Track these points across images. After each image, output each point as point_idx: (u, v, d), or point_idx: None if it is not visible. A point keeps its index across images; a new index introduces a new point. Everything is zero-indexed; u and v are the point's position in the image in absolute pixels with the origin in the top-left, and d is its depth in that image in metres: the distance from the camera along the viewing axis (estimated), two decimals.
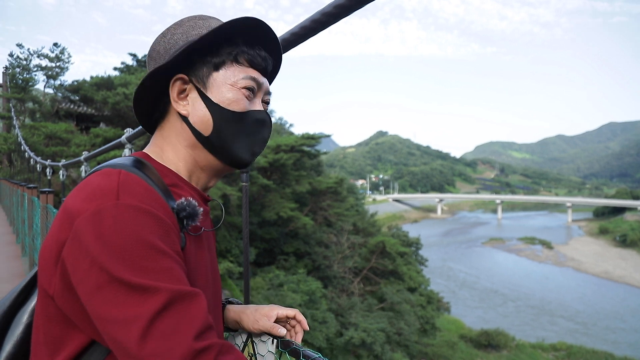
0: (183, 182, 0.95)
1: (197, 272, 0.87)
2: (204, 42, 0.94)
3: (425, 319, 24.41)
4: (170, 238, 0.76)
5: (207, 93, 0.95)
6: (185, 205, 0.82)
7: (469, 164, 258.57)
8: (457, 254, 63.45)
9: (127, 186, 0.76)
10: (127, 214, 0.72)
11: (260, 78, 0.99)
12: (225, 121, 0.94)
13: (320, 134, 27.35)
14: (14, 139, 23.64)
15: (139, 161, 0.88)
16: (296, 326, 1.11)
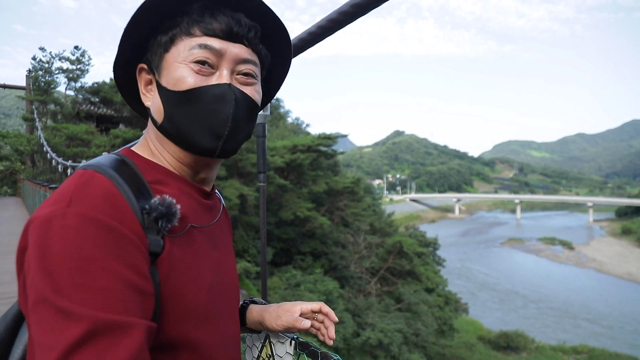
0: (171, 177, 0.85)
1: (186, 274, 0.77)
2: (144, 18, 0.83)
3: (443, 319, 24.20)
4: (123, 250, 0.66)
5: (159, 79, 0.85)
6: (158, 204, 0.73)
7: (487, 164, 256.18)
8: (475, 254, 62.84)
9: (84, 190, 0.68)
10: (74, 224, 0.64)
11: (222, 45, 0.82)
12: (173, 105, 0.82)
13: (337, 133, 27.32)
14: (37, 140, 24.11)
15: (118, 159, 0.80)
16: (324, 320, 1.04)
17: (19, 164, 28.97)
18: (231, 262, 0.98)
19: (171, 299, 0.74)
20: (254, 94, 0.87)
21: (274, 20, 0.90)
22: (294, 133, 36.43)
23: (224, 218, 1.02)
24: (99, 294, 0.61)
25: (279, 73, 1.02)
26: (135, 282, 0.65)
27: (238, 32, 0.84)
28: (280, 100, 51.22)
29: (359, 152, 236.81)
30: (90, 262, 0.62)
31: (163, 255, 0.74)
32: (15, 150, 28.17)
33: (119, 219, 0.68)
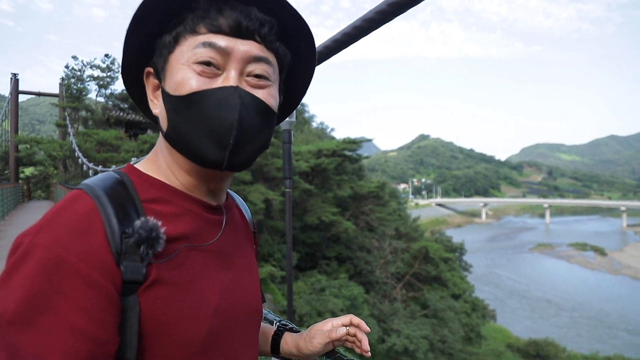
0: (172, 194, 0.78)
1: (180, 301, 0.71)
2: (146, 17, 0.76)
3: (470, 326, 23.85)
4: (77, 290, 0.61)
5: (163, 83, 0.78)
6: (138, 228, 0.67)
7: (515, 167, 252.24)
8: (503, 260, 61.79)
9: (57, 219, 0.65)
10: (34, 255, 0.61)
11: (229, 42, 0.74)
12: (175, 111, 0.75)
13: (362, 138, 27.28)
14: (69, 145, 24.76)
15: (114, 178, 0.75)
16: (356, 332, 0.97)
17: (52, 169, 29.78)
18: (249, 282, 0.89)
19: (160, 329, 0.69)
20: (267, 98, 0.78)
21: (293, 15, 0.80)
22: (318, 137, 36.51)
23: (242, 231, 0.95)
24: (36, 338, 0.58)
25: (303, 75, 0.92)
26: (83, 328, 0.60)
27: (248, 26, 0.75)
28: (305, 105, 51.45)
29: (384, 156, 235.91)
30: (39, 299, 0.59)
31: (147, 283, 0.68)
32: (48, 156, 28.98)
33: (82, 252, 0.63)
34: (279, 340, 1.07)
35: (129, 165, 0.82)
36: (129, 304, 0.66)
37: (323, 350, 1.01)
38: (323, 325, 1.00)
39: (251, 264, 0.93)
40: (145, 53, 0.81)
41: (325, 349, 1.01)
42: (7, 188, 19.71)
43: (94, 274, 0.63)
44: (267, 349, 1.09)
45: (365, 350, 0.95)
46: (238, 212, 0.98)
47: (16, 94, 29.96)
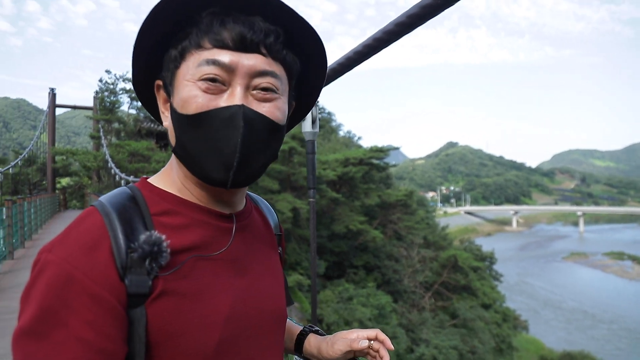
0: (183, 206, 0.80)
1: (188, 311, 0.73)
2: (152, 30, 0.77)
3: (500, 337, 23.43)
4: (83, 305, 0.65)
5: (172, 98, 0.79)
6: (142, 243, 0.70)
7: (546, 174, 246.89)
8: (535, 269, 60.41)
9: (68, 237, 0.70)
10: (47, 272, 0.67)
11: (233, 57, 0.74)
12: (182, 131, 0.76)
13: (389, 146, 27.24)
14: (102, 156, 25.49)
15: (126, 194, 0.79)
16: (380, 349, 0.97)
17: (87, 179, 30.67)
18: (271, 286, 0.90)
19: (169, 339, 0.71)
20: (274, 112, 0.77)
21: (299, 21, 0.79)
22: (345, 146, 36.57)
23: (263, 235, 0.95)
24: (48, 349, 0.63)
25: (314, 79, 0.92)
26: (90, 340, 0.64)
27: (252, 39, 0.74)
28: (332, 114, 51.58)
29: (412, 165, 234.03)
30: (50, 313, 0.64)
31: (154, 295, 0.70)
32: (83, 166, 29.88)
33: (89, 269, 0.67)
34: (303, 340, 1.09)
35: (143, 179, 0.85)
36: (136, 315, 0.69)
37: (342, 358, 1.01)
38: (348, 334, 1.01)
39: (273, 268, 0.94)
40: (154, 66, 0.83)
41: (345, 357, 1.01)
42: (45, 198, 20.41)
43: (100, 290, 0.66)
44: (292, 346, 1.11)
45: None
46: (259, 216, 0.99)
47: (53, 107, 31.05)
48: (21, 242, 12.35)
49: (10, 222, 10.59)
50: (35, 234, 15.53)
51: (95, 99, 31.80)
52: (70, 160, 31.88)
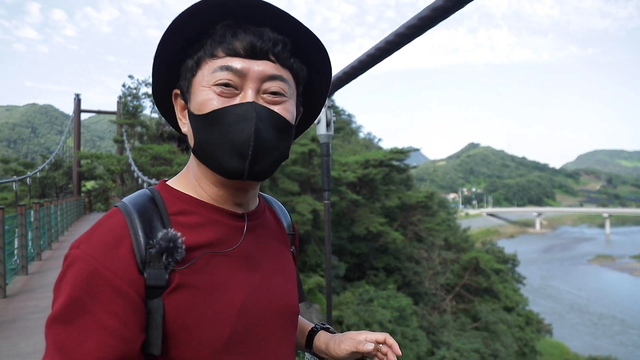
0: (198, 206, 0.87)
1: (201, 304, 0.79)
2: (170, 44, 0.85)
3: (523, 341, 23.09)
4: (106, 296, 0.72)
5: (189, 104, 0.86)
6: (159, 240, 0.77)
7: (571, 175, 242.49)
8: (559, 272, 59.33)
9: (94, 235, 0.77)
10: (75, 265, 0.74)
11: (244, 64, 0.81)
12: (200, 130, 0.83)
13: (409, 147, 27.11)
14: (126, 160, 25.95)
15: (146, 195, 0.86)
16: (388, 353, 0.98)
17: (111, 182, 31.25)
18: (282, 283, 0.95)
19: (184, 329, 0.77)
20: (283, 112, 0.84)
21: (304, 32, 0.87)
22: (366, 148, 36.49)
23: (275, 234, 1.01)
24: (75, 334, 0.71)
25: (320, 86, 0.98)
26: (112, 327, 0.72)
27: (262, 47, 0.81)
28: (352, 116, 51.53)
29: (433, 166, 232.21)
30: (77, 302, 0.71)
31: (170, 287, 0.77)
32: (107, 170, 30.47)
33: (111, 263, 0.74)
34: (313, 336, 1.11)
35: (162, 182, 0.92)
36: (153, 306, 0.76)
37: (348, 358, 1.03)
38: (357, 335, 1.02)
39: (285, 266, 0.99)
40: (172, 77, 0.90)
41: (351, 358, 1.03)
42: (70, 201, 20.88)
43: (121, 283, 0.73)
44: (303, 342, 1.13)
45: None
46: (272, 216, 1.04)
47: (78, 112, 31.72)
48: (48, 243, 12.68)
49: (37, 224, 10.90)
50: (61, 235, 15.91)
51: (118, 103, 32.40)
52: (95, 164, 32.50)
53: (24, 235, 9.22)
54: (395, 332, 16.49)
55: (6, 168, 30.67)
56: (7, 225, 8.33)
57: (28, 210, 10.23)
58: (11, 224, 8.89)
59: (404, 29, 1.23)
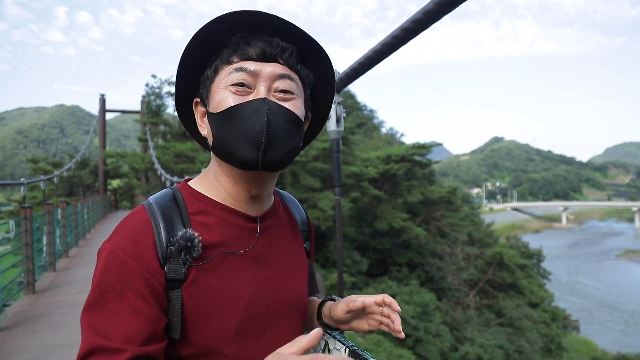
0: (215, 207, 0.94)
1: (214, 298, 0.88)
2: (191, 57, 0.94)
3: (549, 337, 22.74)
4: (135, 282, 0.82)
5: (208, 107, 0.94)
6: (179, 238, 0.85)
7: (598, 169, 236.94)
8: (586, 267, 58.13)
9: (122, 229, 0.87)
10: (106, 257, 0.84)
11: (257, 65, 0.89)
12: (218, 126, 0.90)
13: (432, 142, 26.90)
14: (149, 158, 26.33)
15: (169, 194, 0.95)
16: (390, 313, 0.98)
17: (135, 180, 31.79)
18: (292, 278, 1.03)
19: (200, 318, 0.87)
20: (293, 108, 0.91)
21: (310, 42, 0.95)
22: (388, 143, 36.32)
23: (288, 231, 1.08)
24: (107, 315, 0.80)
25: (325, 92, 1.05)
26: (140, 308, 0.81)
27: (272, 52, 0.90)
28: (374, 111, 51.35)
29: (456, 161, 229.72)
30: (109, 289, 0.81)
31: (187, 282, 0.86)
32: (131, 168, 30.94)
33: (137, 255, 0.83)
34: (322, 307, 1.13)
35: (185, 181, 1.01)
36: (174, 296, 0.85)
37: (347, 318, 1.05)
38: (356, 297, 1.02)
39: (296, 261, 1.07)
40: (193, 87, 0.99)
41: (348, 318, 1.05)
42: (97, 199, 21.30)
43: (146, 273, 0.83)
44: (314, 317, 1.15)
45: (397, 330, 0.97)
46: (285, 213, 1.11)
47: (103, 112, 32.29)
48: (75, 241, 12.97)
49: (65, 222, 11.15)
50: (88, 233, 16.25)
51: (142, 103, 32.89)
52: (120, 163, 33.06)
53: (51, 233, 9.45)
54: (418, 327, 16.43)
55: (35, 168, 31.43)
56: (36, 224, 8.55)
57: (55, 209, 10.47)
58: (40, 222, 9.12)
59: (409, 23, 1.24)
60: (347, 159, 21.60)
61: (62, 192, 29.31)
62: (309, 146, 18.95)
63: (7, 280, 7.04)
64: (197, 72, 0.97)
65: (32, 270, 7.50)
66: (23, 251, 7.51)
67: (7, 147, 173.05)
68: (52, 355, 4.64)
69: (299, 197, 18.19)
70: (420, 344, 16.35)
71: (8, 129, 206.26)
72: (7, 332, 5.43)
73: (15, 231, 7.21)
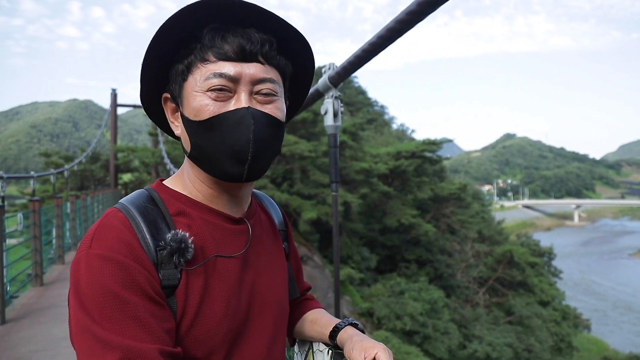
0: (195, 207, 0.90)
1: (204, 302, 0.83)
2: (159, 48, 0.86)
3: (560, 336, 22.55)
4: (137, 282, 0.74)
5: (182, 108, 0.88)
6: (170, 241, 0.80)
7: (612, 166, 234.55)
8: (599, 266, 57.56)
9: (102, 232, 0.78)
10: (95, 264, 0.73)
11: (236, 68, 0.83)
12: (197, 134, 0.85)
13: (442, 138, 26.70)
14: (159, 152, 26.45)
15: (145, 195, 0.88)
16: None
17: (146, 175, 31.96)
18: (274, 280, 0.99)
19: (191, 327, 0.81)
20: (275, 112, 0.87)
21: (287, 28, 0.90)
22: (398, 139, 36.16)
23: (268, 233, 1.04)
24: (125, 324, 0.71)
25: (304, 78, 1.02)
26: (151, 309, 0.74)
27: (251, 50, 0.84)
28: (385, 107, 51.23)
29: (467, 157, 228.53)
30: (113, 297, 0.71)
31: (180, 287, 0.81)
32: (142, 163, 31.12)
33: (133, 256, 0.76)
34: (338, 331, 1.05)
35: (158, 181, 0.95)
36: (170, 303, 0.80)
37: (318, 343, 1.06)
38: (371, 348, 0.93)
39: (276, 264, 1.03)
40: (161, 80, 0.92)
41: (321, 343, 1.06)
42: (107, 193, 21.49)
43: (148, 274, 0.77)
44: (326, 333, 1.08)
45: None
46: (264, 214, 1.08)
47: (115, 107, 32.49)
48: (84, 234, 13.08)
49: (74, 215, 11.25)
50: None
51: None
52: (131, 157, 33.25)
53: (60, 226, 9.53)
54: (426, 324, 16.38)
55: (48, 162, 31.70)
56: (46, 217, 8.62)
57: (65, 202, 10.56)
58: (49, 215, 9.21)
59: (404, 14, 1.20)
60: (357, 154, 21.52)
61: (73, 185, 29.56)
62: (319, 142, 18.94)
63: (16, 272, 7.11)
64: (165, 64, 0.89)
65: (40, 262, 7.58)
66: (31, 244, 7.59)
67: (21, 141, 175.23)
68: (57, 347, 4.68)
69: (308, 192, 18.18)
70: (429, 341, 16.30)
71: (22, 123, 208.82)
72: (14, 324, 5.49)
73: (24, 224, 7.27)
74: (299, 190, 18.23)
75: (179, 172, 0.96)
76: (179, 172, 0.96)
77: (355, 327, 1.06)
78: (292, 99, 1.05)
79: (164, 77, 0.91)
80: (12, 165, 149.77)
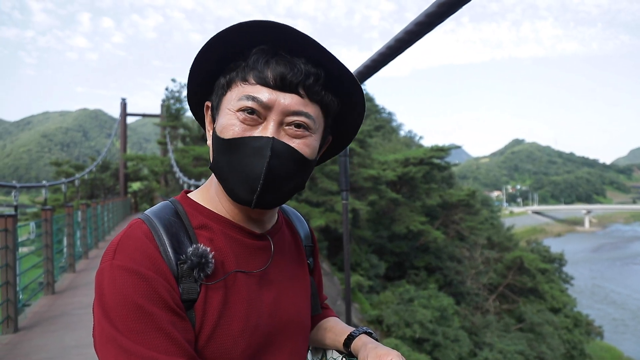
0: (217, 221, 0.90)
1: (223, 319, 0.82)
2: (206, 60, 0.88)
3: (572, 343, 22.29)
4: (160, 295, 0.75)
5: (216, 122, 0.89)
6: (191, 255, 0.80)
7: (622, 171, 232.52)
8: (611, 272, 56.86)
9: (125, 244, 0.78)
10: (118, 276, 0.74)
11: (271, 95, 0.81)
12: (217, 151, 0.86)
13: (451, 145, 26.64)
14: (168, 161, 26.61)
15: (169, 208, 0.89)
16: None
17: (155, 183, 32.14)
18: (294, 300, 0.98)
19: (208, 342, 0.81)
20: (302, 147, 0.84)
21: (338, 66, 0.85)
22: (406, 146, 36.11)
23: (291, 250, 1.03)
24: (149, 336, 0.71)
25: (353, 119, 0.99)
26: (173, 320, 0.75)
27: (292, 80, 0.81)
28: (393, 114, 51.13)
29: (476, 163, 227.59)
30: (136, 309, 0.72)
31: (199, 301, 0.80)
32: (151, 171, 31.32)
33: (154, 269, 0.76)
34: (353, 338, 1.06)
35: (183, 193, 0.95)
36: (189, 317, 0.80)
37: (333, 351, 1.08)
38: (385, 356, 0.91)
39: (299, 281, 1.02)
40: (206, 88, 0.93)
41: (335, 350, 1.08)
42: (117, 202, 21.62)
43: (170, 287, 0.77)
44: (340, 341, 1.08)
45: None
46: (289, 229, 1.07)
47: (124, 116, 32.77)
48: (95, 242, 13.16)
49: (84, 224, 11.33)
50: (108, 235, 16.48)
51: (162, 106, 33.27)
52: (140, 166, 33.47)
53: (71, 234, 9.61)
54: (436, 332, 16.26)
55: (59, 170, 31.99)
56: (57, 225, 8.70)
57: (75, 211, 10.65)
58: (60, 224, 9.29)
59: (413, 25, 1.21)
60: (365, 162, 21.53)
61: (83, 194, 29.79)
62: None
63: (28, 280, 7.18)
64: (211, 76, 0.91)
65: (52, 271, 7.64)
66: (43, 252, 7.66)
67: (32, 150, 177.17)
68: (68, 355, 4.71)
69: (316, 200, 18.19)
70: (438, 349, 16.16)
71: (34, 132, 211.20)
72: (27, 332, 5.53)
73: (36, 233, 7.35)
74: (307, 197, 18.25)
75: (207, 183, 0.96)
76: (206, 184, 0.96)
77: (369, 336, 1.06)
78: (337, 138, 1.02)
79: (211, 85, 0.92)
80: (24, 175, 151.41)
